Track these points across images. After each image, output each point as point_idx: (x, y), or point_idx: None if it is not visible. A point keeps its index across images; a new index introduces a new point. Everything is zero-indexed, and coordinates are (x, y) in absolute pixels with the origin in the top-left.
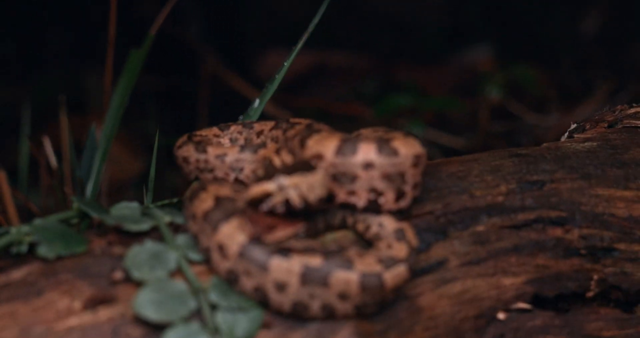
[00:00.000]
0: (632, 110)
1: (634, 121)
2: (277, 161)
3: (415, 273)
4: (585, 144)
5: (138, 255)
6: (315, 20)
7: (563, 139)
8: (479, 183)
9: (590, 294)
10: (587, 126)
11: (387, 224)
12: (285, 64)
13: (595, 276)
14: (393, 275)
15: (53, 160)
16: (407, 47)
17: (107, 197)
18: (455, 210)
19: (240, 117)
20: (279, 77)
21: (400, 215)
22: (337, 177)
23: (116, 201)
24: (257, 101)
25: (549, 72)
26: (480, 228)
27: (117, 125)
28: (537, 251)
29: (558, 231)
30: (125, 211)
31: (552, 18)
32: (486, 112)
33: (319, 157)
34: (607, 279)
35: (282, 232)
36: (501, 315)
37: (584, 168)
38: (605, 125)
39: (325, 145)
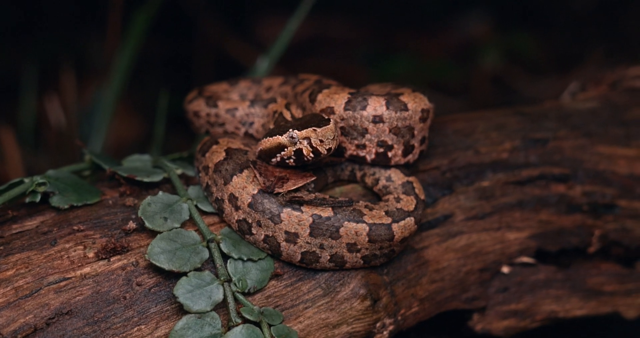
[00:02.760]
0: (632, 71)
1: (634, 82)
2: (287, 116)
3: (422, 226)
4: (587, 103)
5: (151, 205)
6: None
7: (563, 97)
8: (484, 140)
9: (591, 249)
10: (588, 86)
11: (395, 177)
12: (289, 27)
13: (597, 232)
14: (401, 227)
15: (61, 116)
16: (404, 13)
17: (113, 156)
18: (461, 166)
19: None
20: (284, 38)
21: (407, 169)
22: (347, 131)
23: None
24: (263, 60)
25: (543, 39)
26: (485, 183)
27: (123, 85)
28: (541, 206)
29: (561, 188)
30: (137, 163)
31: None
32: (482, 80)
33: (329, 111)
34: (608, 235)
35: (292, 184)
36: (505, 269)
37: (586, 127)
38: (606, 86)
39: (335, 99)
